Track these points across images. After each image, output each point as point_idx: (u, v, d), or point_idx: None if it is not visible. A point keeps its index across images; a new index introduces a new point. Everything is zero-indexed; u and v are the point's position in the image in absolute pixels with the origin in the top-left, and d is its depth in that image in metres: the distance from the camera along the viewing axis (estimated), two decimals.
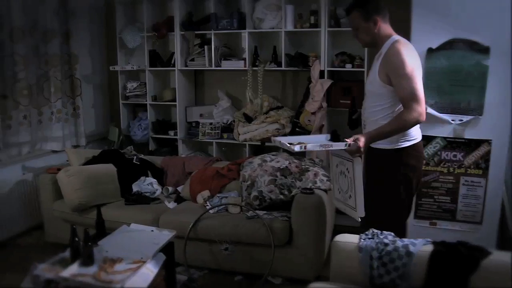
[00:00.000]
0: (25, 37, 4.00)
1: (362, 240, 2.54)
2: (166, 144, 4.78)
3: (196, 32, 4.41)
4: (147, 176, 3.94)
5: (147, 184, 3.84)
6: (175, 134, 4.62)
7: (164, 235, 2.88)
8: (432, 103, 3.27)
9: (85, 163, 3.91)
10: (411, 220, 3.50)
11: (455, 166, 3.30)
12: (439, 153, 3.32)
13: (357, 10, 2.50)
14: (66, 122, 4.43)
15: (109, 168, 3.80)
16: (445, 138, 3.29)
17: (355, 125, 2.97)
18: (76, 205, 3.52)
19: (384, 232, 2.61)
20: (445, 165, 3.32)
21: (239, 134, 4.35)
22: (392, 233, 2.57)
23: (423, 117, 2.40)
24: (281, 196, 3.34)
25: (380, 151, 2.53)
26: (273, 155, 3.62)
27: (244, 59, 4.29)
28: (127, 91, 4.72)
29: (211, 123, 4.46)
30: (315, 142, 2.49)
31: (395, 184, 2.57)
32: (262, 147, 4.26)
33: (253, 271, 3.30)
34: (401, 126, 2.41)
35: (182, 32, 4.42)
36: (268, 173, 3.39)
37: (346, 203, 2.57)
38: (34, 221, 4.13)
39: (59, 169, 3.86)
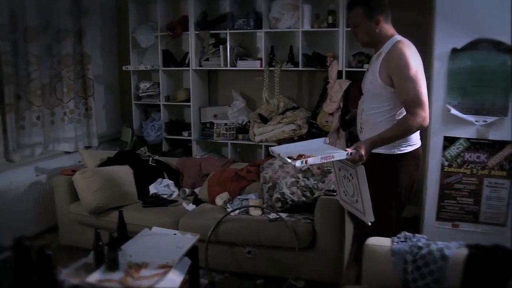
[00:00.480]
0: (39, 36, 3.93)
1: (395, 243, 2.51)
2: (179, 145, 4.73)
3: (211, 32, 4.35)
4: (163, 177, 3.89)
5: (163, 186, 3.79)
6: (189, 135, 4.57)
7: (188, 239, 2.83)
8: (455, 104, 3.23)
9: (100, 165, 3.85)
10: (433, 222, 3.47)
11: (479, 168, 3.26)
12: (462, 154, 3.29)
13: (361, 6, 2.38)
14: (78, 123, 4.37)
15: (126, 170, 3.74)
16: (468, 139, 3.26)
17: (348, 126, 2.85)
18: (94, 207, 3.46)
19: (417, 235, 2.57)
20: (468, 167, 3.29)
21: (254, 135, 4.30)
22: (425, 236, 2.54)
23: (427, 122, 2.32)
24: (303, 198, 3.30)
25: (379, 156, 2.42)
26: None
27: (260, 59, 4.24)
28: (140, 91, 4.66)
29: (226, 124, 4.41)
30: (313, 149, 2.36)
31: (392, 188, 2.50)
32: None
33: (275, 274, 3.25)
34: (404, 132, 2.33)
35: (197, 32, 4.36)
36: (290, 174, 3.35)
37: (354, 206, 2.51)
38: (48, 224, 4.06)
39: (74, 171, 3.81)
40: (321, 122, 4.06)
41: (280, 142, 4.17)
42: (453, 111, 3.21)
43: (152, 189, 3.73)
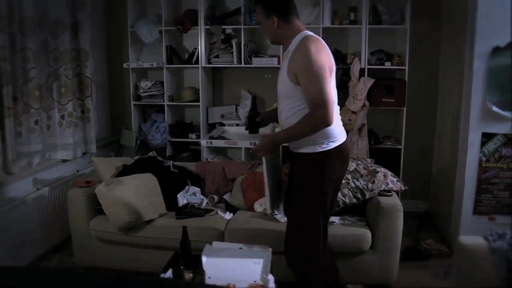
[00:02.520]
0: (36, 29, 3.42)
1: (491, 241, 2.49)
2: (183, 148, 4.40)
3: (224, 27, 4.08)
4: (187, 185, 3.58)
5: (190, 194, 3.49)
6: (197, 137, 4.25)
7: (260, 252, 2.62)
8: (494, 101, 3.32)
9: (118, 174, 3.45)
10: (469, 216, 3.55)
11: None
12: (499, 149, 3.39)
13: (260, 5, 2.40)
14: (76, 127, 3.88)
15: (151, 179, 3.38)
16: (505, 134, 3.37)
17: (255, 129, 2.65)
18: (126, 223, 3.08)
19: (507, 231, 2.58)
20: (505, 161, 3.40)
21: None
22: None
23: (328, 121, 2.21)
24: (354, 200, 3.20)
25: (304, 156, 2.39)
26: None
27: (278, 56, 4.06)
28: (141, 90, 4.25)
29: (237, 124, 4.17)
30: None
31: (318, 188, 2.41)
32: None
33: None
34: (305, 131, 2.25)
35: (207, 27, 4.06)
36: None
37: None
38: (52, 243, 3.59)
39: (88, 182, 3.39)
40: (343, 121, 3.97)
41: None
42: (494, 108, 3.29)
43: (181, 198, 3.41)
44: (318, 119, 2.21)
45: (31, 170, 3.53)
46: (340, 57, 3.98)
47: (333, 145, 2.37)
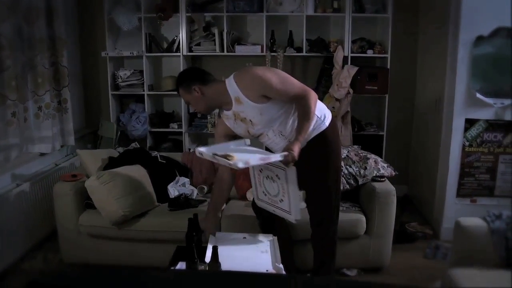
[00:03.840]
0: (10, 15, 3.21)
1: (491, 222, 2.59)
2: (163, 138, 4.28)
3: (206, 14, 3.99)
4: (175, 175, 3.49)
5: (180, 185, 3.41)
6: (179, 126, 4.15)
7: (265, 241, 2.60)
8: (477, 88, 3.45)
9: (105, 166, 3.31)
10: (453, 199, 3.68)
11: (495, 146, 3.54)
12: (481, 134, 3.53)
13: (179, 87, 2.51)
14: (54, 119, 3.69)
15: (140, 171, 3.28)
16: (487, 120, 3.51)
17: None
18: (120, 217, 2.97)
19: (503, 212, 2.69)
20: (486, 146, 3.55)
21: None
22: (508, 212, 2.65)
23: (315, 94, 2.40)
24: (348, 186, 3.24)
25: (317, 139, 2.49)
26: None
27: (261, 44, 4.02)
28: (119, 80, 4.09)
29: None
30: (237, 150, 2.40)
31: (337, 161, 2.62)
32: None
33: None
34: (310, 114, 2.35)
35: (188, 14, 3.95)
36: None
37: (276, 205, 2.55)
38: (34, 241, 3.40)
39: (74, 175, 3.24)
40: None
41: None
42: (478, 95, 3.42)
43: (172, 189, 3.33)
44: (310, 97, 2.35)
45: (9, 165, 3.33)
46: (323, 45, 3.99)
47: (330, 116, 2.56)
